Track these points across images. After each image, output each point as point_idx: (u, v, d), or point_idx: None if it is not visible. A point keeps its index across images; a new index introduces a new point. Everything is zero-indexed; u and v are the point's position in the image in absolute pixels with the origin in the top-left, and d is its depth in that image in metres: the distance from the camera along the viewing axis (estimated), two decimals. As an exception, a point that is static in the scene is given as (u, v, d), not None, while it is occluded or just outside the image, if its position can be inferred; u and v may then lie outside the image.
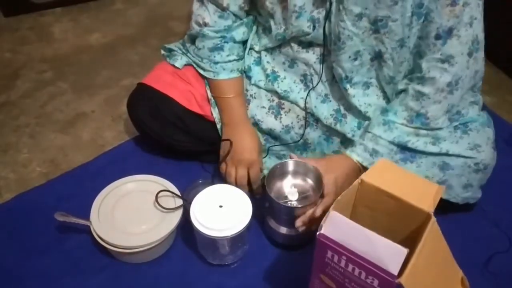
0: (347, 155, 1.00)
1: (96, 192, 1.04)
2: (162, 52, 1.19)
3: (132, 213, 1.00)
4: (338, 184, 0.96)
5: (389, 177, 0.75)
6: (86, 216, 1.00)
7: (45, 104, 1.39)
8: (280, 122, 1.10)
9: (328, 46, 0.99)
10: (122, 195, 1.03)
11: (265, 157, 1.13)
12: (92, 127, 1.32)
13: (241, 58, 1.10)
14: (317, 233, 0.67)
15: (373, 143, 0.98)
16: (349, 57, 0.96)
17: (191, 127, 1.11)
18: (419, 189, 0.74)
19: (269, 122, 1.10)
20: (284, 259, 1.01)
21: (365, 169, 0.98)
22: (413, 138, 0.97)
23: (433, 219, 0.69)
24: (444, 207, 0.99)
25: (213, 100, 1.12)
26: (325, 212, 0.89)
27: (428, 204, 0.71)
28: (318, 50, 1.02)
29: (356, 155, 0.99)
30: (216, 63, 1.07)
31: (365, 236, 0.63)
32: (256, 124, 1.11)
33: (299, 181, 1.00)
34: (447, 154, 0.97)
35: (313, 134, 1.09)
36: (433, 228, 0.68)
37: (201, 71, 1.11)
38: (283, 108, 1.09)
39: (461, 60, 0.92)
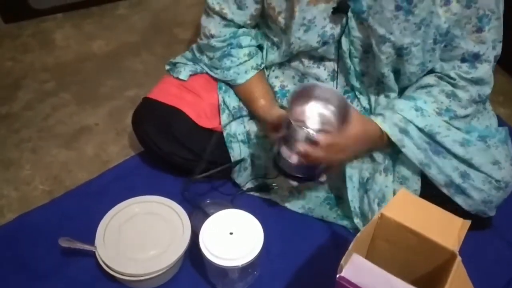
0: (372, 121, 0.93)
1: (101, 211, 1.01)
2: (167, 67, 1.16)
3: (138, 237, 0.96)
4: (357, 140, 0.89)
5: (410, 210, 0.72)
6: (91, 238, 0.97)
7: (47, 116, 1.35)
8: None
9: (348, 59, 0.95)
10: (128, 218, 0.99)
11: (276, 177, 1.09)
12: (96, 141, 1.29)
13: (252, 56, 1.06)
14: (337, 275, 0.63)
15: (403, 123, 0.92)
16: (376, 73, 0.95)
17: (199, 147, 1.07)
18: (442, 224, 0.70)
19: None
20: (296, 286, 0.98)
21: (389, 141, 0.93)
22: (444, 131, 0.93)
23: (459, 259, 0.65)
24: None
25: (222, 106, 1.08)
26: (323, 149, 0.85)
27: (452, 241, 0.67)
28: (330, 66, 0.99)
29: (387, 126, 0.91)
30: (229, 69, 1.05)
31: (388, 282, 0.60)
32: (265, 137, 1.08)
33: (323, 110, 0.90)
34: (469, 163, 0.94)
35: None
36: (458, 269, 0.65)
37: (219, 80, 1.11)
38: None
39: (489, 80, 0.93)
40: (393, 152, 0.98)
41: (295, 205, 1.10)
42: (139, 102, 1.12)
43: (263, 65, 1.08)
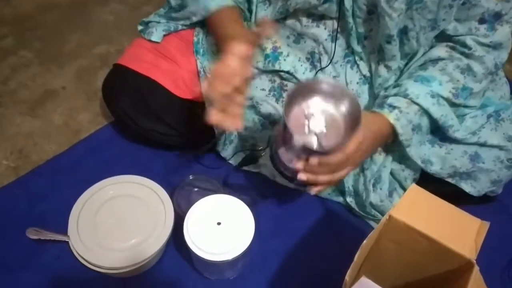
0: (385, 118, 0.82)
1: (73, 190, 0.92)
2: (139, 27, 1.02)
3: (116, 224, 0.88)
4: (365, 145, 0.78)
5: (421, 210, 0.64)
6: (64, 222, 0.88)
7: (7, 79, 1.21)
8: (282, 105, 0.96)
9: (351, 18, 0.83)
10: (103, 203, 0.90)
11: (266, 148, 1.00)
12: (64, 107, 1.16)
13: None
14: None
15: (418, 117, 0.83)
16: (382, 36, 0.83)
17: (178, 119, 0.96)
18: (457, 226, 0.62)
19: (269, 106, 0.96)
20: (286, 270, 0.92)
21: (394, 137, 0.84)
22: (456, 124, 0.86)
23: (476, 268, 0.58)
24: (457, 198, 0.90)
25: (202, 73, 0.97)
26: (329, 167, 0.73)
27: (469, 247, 0.60)
28: (330, 25, 0.87)
29: (400, 126, 0.81)
30: None
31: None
32: (253, 107, 0.97)
33: (330, 109, 0.74)
34: (484, 145, 0.87)
35: None
36: (476, 280, 0.58)
37: (194, 18, 0.94)
38: (286, 91, 0.94)
39: (508, 44, 0.83)
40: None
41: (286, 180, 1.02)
42: (109, 62, 1.01)
43: (243, 5, 0.94)
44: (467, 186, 0.89)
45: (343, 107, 0.74)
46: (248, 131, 1.00)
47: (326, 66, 0.90)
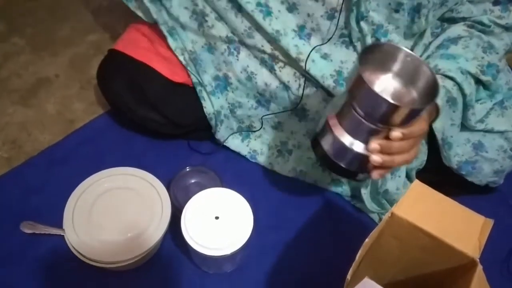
0: None
1: (68, 181, 0.90)
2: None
3: (112, 218, 0.86)
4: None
5: (424, 207, 0.62)
6: (59, 215, 0.86)
7: (-1, 67, 1.18)
8: (276, 76, 0.92)
9: None
10: (99, 195, 0.88)
11: (259, 129, 0.99)
12: (57, 96, 1.13)
13: None
14: (344, 295, 0.55)
15: (456, 91, 0.78)
16: (389, 4, 0.79)
17: (174, 107, 0.94)
18: (461, 224, 0.61)
19: (264, 75, 0.93)
20: (285, 263, 0.91)
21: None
22: (476, 105, 0.83)
23: (480, 267, 0.57)
24: (457, 188, 0.90)
25: (180, 56, 0.94)
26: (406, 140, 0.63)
27: (472, 245, 0.59)
28: (330, 2, 0.80)
29: (440, 99, 0.75)
30: None
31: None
32: (249, 78, 0.94)
33: (400, 85, 0.65)
34: (490, 131, 0.86)
35: (313, 99, 0.93)
36: (479, 280, 0.57)
37: None
38: (277, 63, 0.91)
39: None
40: None
41: (284, 168, 1.01)
42: (103, 50, 0.98)
43: None
44: (470, 177, 0.88)
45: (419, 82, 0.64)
46: (244, 109, 0.98)
47: (321, 45, 0.86)
